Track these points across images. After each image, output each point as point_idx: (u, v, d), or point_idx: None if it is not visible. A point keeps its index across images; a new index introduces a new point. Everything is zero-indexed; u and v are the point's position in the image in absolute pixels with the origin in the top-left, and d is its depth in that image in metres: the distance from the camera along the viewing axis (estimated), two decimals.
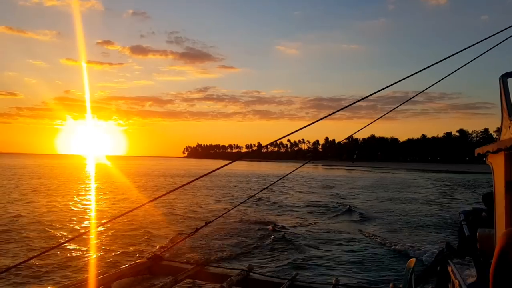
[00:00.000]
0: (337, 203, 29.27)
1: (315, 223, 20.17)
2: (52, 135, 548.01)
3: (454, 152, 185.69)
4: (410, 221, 21.45)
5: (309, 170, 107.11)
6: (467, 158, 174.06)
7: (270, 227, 17.70)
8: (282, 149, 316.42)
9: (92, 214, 21.51)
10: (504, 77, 4.35)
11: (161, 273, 5.81)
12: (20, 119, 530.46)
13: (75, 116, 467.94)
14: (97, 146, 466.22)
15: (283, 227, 18.19)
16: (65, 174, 61.25)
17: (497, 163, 3.64)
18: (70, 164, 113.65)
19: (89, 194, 31.98)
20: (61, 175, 59.26)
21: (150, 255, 5.92)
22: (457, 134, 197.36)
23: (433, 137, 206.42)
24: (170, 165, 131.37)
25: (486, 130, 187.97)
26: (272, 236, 15.83)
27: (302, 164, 6.38)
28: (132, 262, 5.81)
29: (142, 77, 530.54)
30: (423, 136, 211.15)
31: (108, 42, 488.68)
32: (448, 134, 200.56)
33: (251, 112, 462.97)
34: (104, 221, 18.55)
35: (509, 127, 3.77)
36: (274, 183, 8.96)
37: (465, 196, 38.50)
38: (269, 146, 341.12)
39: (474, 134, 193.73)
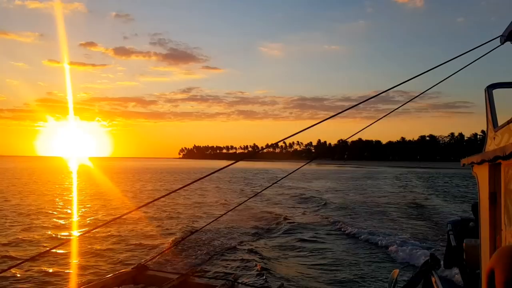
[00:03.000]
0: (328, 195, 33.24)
1: (306, 213, 22.53)
2: (33, 137, 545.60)
3: (427, 152, 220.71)
4: (382, 205, 26.60)
5: (306, 167, 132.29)
6: (438, 157, 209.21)
7: (259, 230, 17.67)
8: (278, 150, 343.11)
9: (74, 220, 20.23)
10: (489, 88, 4.31)
11: (146, 283, 5.82)
12: (1, 121, 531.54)
13: (58, 117, 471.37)
14: (80, 148, 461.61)
15: (269, 230, 18.11)
16: (46, 176, 59.52)
17: (482, 174, 3.61)
18: (52, 166, 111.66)
19: (71, 198, 30.09)
20: (42, 177, 57.46)
21: (135, 265, 5.94)
22: (428, 138, 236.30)
23: (409, 140, 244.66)
24: (168, 167, 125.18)
25: (452, 134, 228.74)
26: (259, 241, 15.66)
27: (305, 163, 7.50)
28: (117, 272, 5.80)
29: (126, 78, 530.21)
30: (402, 138, 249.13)
31: (91, 44, 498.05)
32: (422, 137, 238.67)
33: (235, 112, 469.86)
34: (87, 229, 16.87)
35: (494, 138, 3.74)
36: (279, 180, 8.71)
37: (426, 183, 52.57)
38: (264, 147, 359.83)
39: (441, 138, 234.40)
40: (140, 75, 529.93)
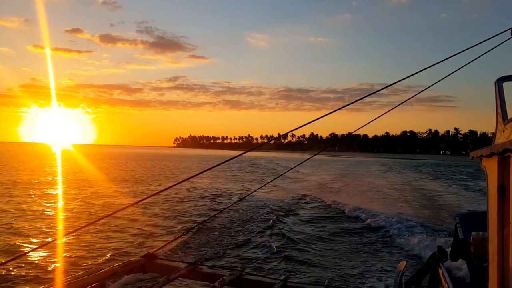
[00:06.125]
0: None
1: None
2: (17, 123, 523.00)
3: (408, 145, 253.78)
4: (369, 186, 35.60)
5: (302, 156, 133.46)
6: (418, 150, 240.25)
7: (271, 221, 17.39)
8: (272, 141, 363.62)
9: (78, 210, 19.48)
10: (499, 81, 4.28)
11: (154, 271, 5.93)
12: None
13: (42, 103, 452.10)
14: (64, 134, 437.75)
15: (280, 221, 17.80)
16: (34, 163, 59.56)
17: (490, 167, 3.57)
18: (36, 152, 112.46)
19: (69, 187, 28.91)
20: (30, 164, 57.32)
21: (144, 254, 6.05)
22: (408, 134, 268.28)
23: (392, 135, 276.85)
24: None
25: (430, 130, 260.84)
26: (268, 232, 15.41)
27: (317, 152, 8.79)
28: (126, 260, 5.92)
29: (111, 65, 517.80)
30: (387, 133, 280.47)
31: (77, 30, 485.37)
32: (404, 132, 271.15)
33: (221, 102, 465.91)
34: (95, 218, 15.34)
35: (503, 131, 3.73)
36: (285, 172, 10.52)
37: (404, 169, 71.99)
38: (259, 138, 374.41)
39: (420, 134, 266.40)
40: (126, 62, 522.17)
